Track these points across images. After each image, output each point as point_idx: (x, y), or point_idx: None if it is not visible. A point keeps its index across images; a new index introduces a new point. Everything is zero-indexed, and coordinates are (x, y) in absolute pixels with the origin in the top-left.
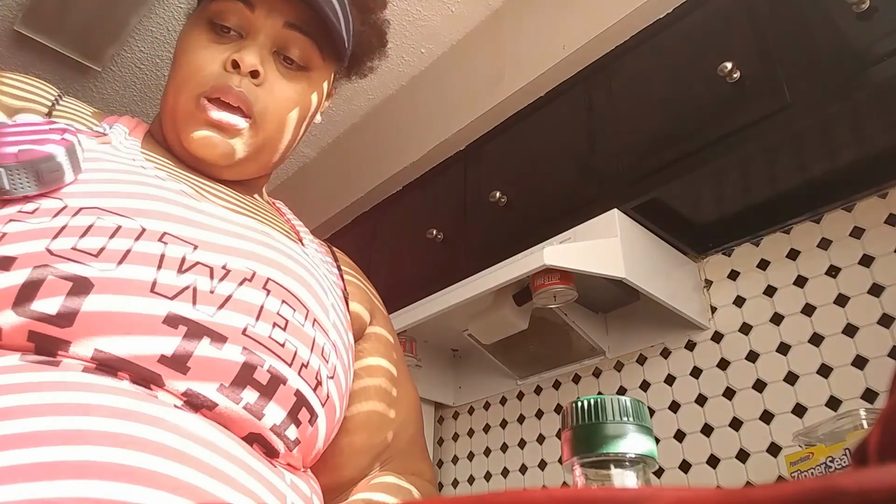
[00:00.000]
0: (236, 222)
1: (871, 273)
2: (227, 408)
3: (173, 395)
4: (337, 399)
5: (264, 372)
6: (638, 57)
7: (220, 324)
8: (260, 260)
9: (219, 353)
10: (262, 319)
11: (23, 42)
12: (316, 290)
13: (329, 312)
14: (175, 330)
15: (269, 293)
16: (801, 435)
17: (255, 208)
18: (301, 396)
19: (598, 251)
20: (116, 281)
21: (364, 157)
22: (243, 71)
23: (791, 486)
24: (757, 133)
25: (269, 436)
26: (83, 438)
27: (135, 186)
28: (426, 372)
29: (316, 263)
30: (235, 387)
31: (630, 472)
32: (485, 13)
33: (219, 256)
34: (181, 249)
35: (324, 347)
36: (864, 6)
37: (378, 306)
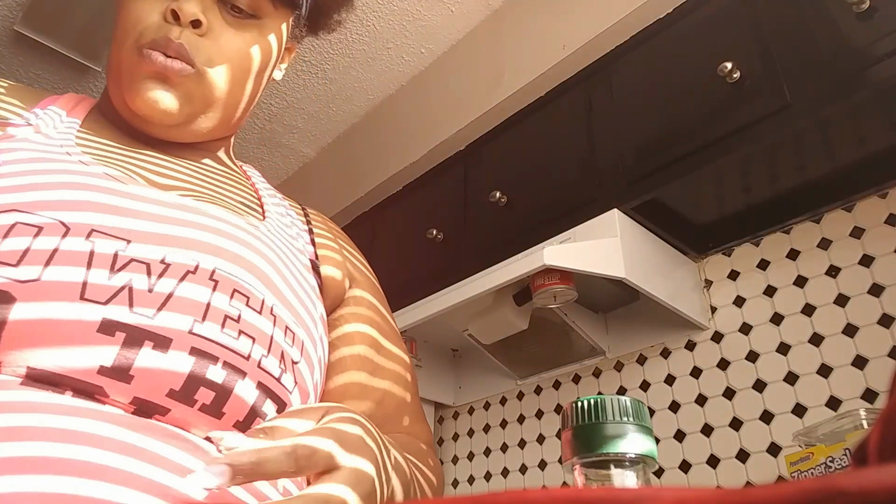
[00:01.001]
0: (175, 205)
1: (871, 273)
2: (181, 413)
3: (119, 406)
4: (309, 382)
5: (218, 371)
6: (638, 57)
7: (162, 326)
8: (204, 249)
9: (164, 357)
10: (210, 316)
11: (23, 42)
12: (271, 275)
13: (291, 297)
14: (112, 338)
15: (216, 285)
16: (801, 435)
17: (206, 182)
18: (264, 389)
19: (598, 251)
20: (41, 289)
21: (364, 157)
22: (183, 21)
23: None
24: (757, 133)
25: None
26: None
27: (56, 176)
28: (426, 372)
29: (279, 241)
30: (188, 391)
31: (630, 472)
32: (485, 13)
33: (156, 249)
34: (112, 245)
35: (285, 338)
36: (864, 6)
37: (359, 267)
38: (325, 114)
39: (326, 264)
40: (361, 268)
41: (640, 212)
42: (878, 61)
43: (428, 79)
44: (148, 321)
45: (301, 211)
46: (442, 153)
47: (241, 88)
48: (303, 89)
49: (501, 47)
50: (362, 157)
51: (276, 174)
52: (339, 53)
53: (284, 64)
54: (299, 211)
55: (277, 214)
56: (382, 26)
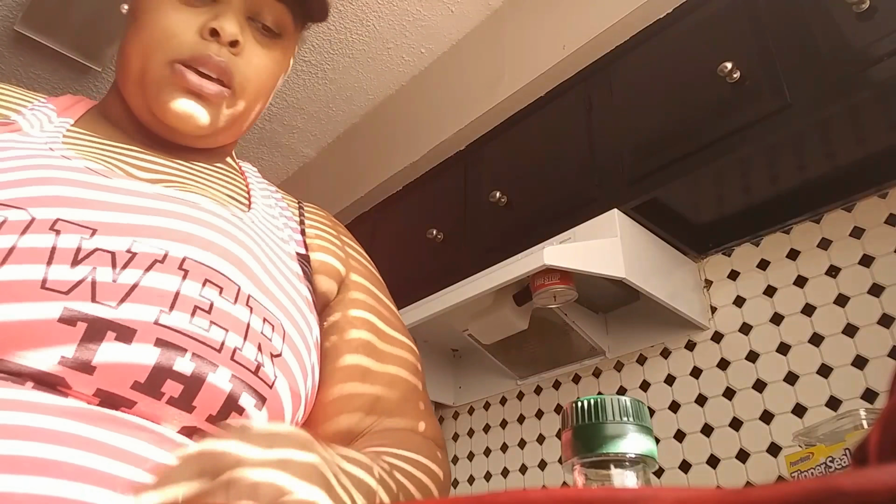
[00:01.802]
0: (152, 195)
1: (871, 273)
2: (148, 405)
3: (81, 398)
4: (297, 372)
5: (186, 363)
6: (638, 57)
7: (126, 315)
8: (174, 237)
9: (127, 349)
10: (178, 306)
11: (23, 42)
12: (249, 263)
13: (273, 287)
14: (73, 328)
15: (186, 274)
16: (801, 435)
17: (192, 176)
18: (238, 383)
19: (598, 251)
20: (1, 283)
21: (364, 157)
22: (223, 40)
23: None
24: (757, 133)
25: (207, 427)
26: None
27: (31, 171)
28: (426, 372)
29: (260, 231)
30: (153, 383)
31: (630, 472)
32: (485, 13)
33: (122, 240)
34: (76, 237)
35: (263, 327)
36: (864, 6)
37: (357, 258)
38: (325, 114)
39: (319, 251)
40: (360, 258)
41: (640, 212)
42: (878, 61)
43: (428, 79)
44: (111, 312)
45: (296, 204)
46: (442, 153)
47: (261, 104)
48: (303, 89)
49: (501, 47)
50: (362, 157)
51: (276, 174)
52: (339, 53)
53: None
54: (294, 204)
55: (265, 206)
56: (382, 26)
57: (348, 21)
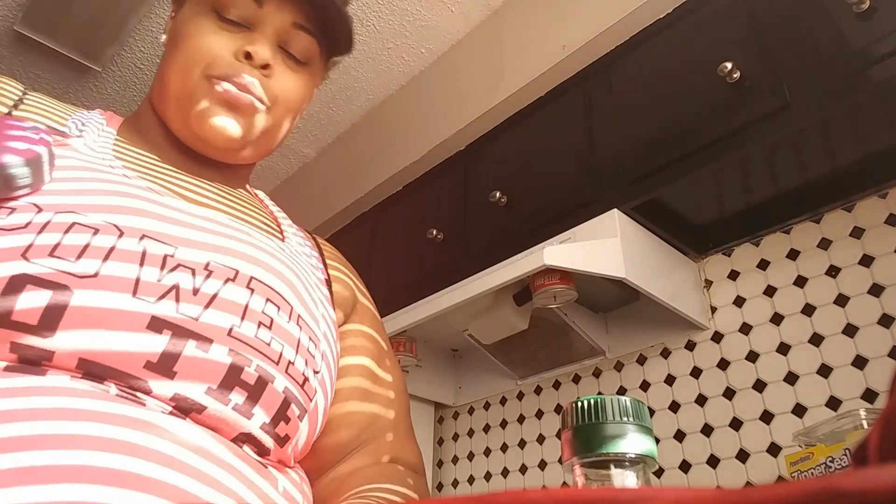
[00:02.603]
0: (214, 219)
1: (871, 273)
2: (216, 410)
3: (161, 400)
4: (322, 395)
5: (251, 372)
6: (638, 57)
7: (205, 325)
8: (242, 258)
9: (205, 355)
10: (247, 319)
11: (23, 42)
12: (297, 287)
13: (313, 308)
14: (160, 334)
15: (253, 292)
16: (801, 435)
17: (232, 203)
18: (289, 394)
19: (598, 251)
20: (97, 286)
21: (364, 157)
22: (256, 63)
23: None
24: (757, 133)
25: (259, 435)
26: (72, 443)
27: (104, 185)
28: (426, 372)
29: (298, 259)
30: (223, 389)
31: (630, 472)
32: (485, 13)
33: (201, 255)
34: (162, 249)
35: (309, 345)
36: (864, 6)
37: (361, 301)
38: (325, 114)
39: (336, 283)
40: (363, 299)
41: (640, 212)
42: (878, 61)
43: (428, 79)
44: (193, 320)
45: (313, 242)
46: (442, 153)
47: (289, 126)
48: None
49: (501, 47)
50: (362, 157)
51: (276, 174)
52: None
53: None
54: (312, 242)
55: (295, 238)
56: (382, 26)
57: None
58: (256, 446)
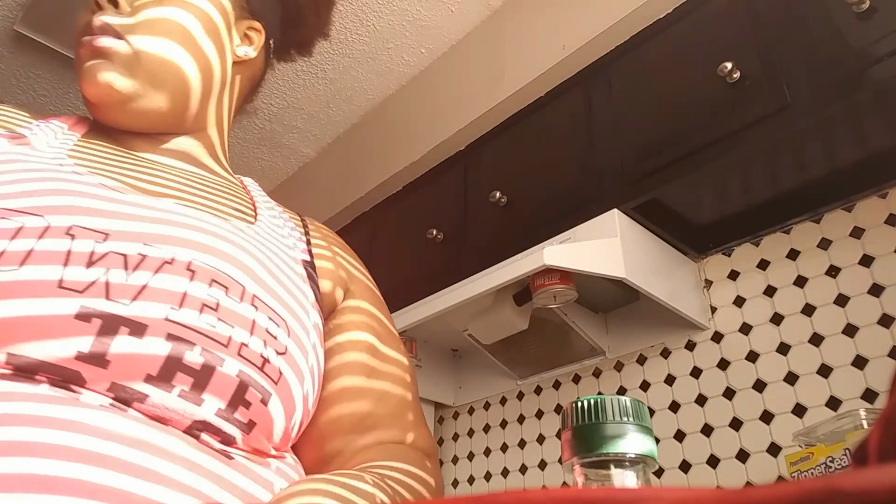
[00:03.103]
0: (158, 208)
1: (871, 273)
2: (160, 399)
3: (98, 393)
4: (294, 376)
5: (196, 356)
6: (638, 57)
7: (138, 312)
8: (180, 243)
9: (139, 343)
10: (186, 304)
11: (23, 42)
12: (253, 267)
13: (276, 287)
14: (88, 324)
15: (193, 275)
16: (801, 435)
17: (192, 187)
18: (245, 377)
19: (598, 251)
20: (20, 282)
21: (364, 157)
22: (103, 3)
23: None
24: (757, 133)
25: (217, 422)
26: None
27: (45, 183)
28: (426, 372)
29: (264, 239)
30: (164, 376)
31: (630, 472)
32: (485, 13)
33: (133, 244)
34: (89, 241)
35: (268, 326)
36: (864, 6)
37: (358, 277)
38: (325, 114)
39: (324, 278)
40: (358, 274)
41: (640, 212)
42: (878, 61)
43: (428, 79)
44: (124, 309)
45: (299, 221)
46: (442, 153)
47: (185, 61)
48: (303, 89)
49: (501, 47)
50: (362, 157)
51: (276, 174)
52: (339, 53)
53: (252, 45)
54: (297, 220)
55: (269, 217)
56: (382, 26)
57: (348, 21)
58: (219, 435)
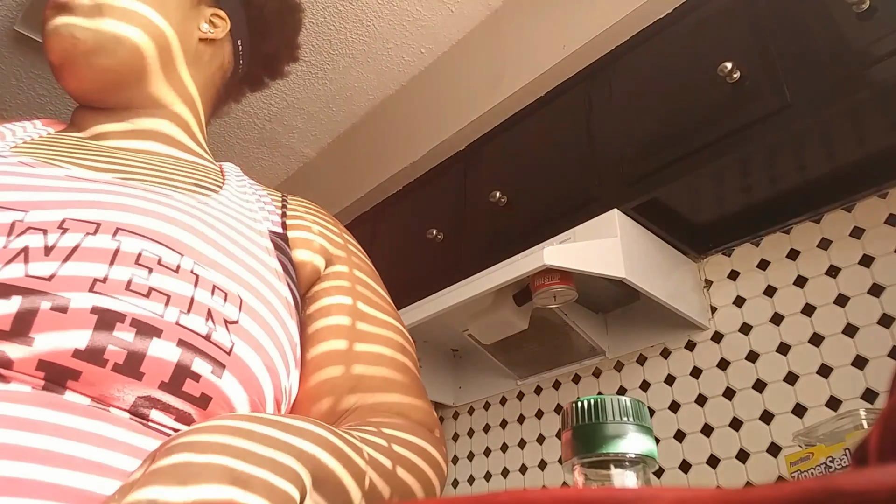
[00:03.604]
0: (88, 188)
1: (871, 273)
2: (93, 374)
3: (27, 374)
4: (250, 347)
5: (126, 329)
6: (638, 57)
7: (61, 283)
8: (106, 210)
9: (63, 317)
10: (113, 275)
11: (23, 42)
12: (190, 240)
13: (227, 261)
14: (8, 303)
15: (117, 250)
16: (801, 435)
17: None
18: (188, 347)
19: (598, 251)
20: None
21: (364, 157)
22: None
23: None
24: (757, 133)
25: (164, 398)
26: None
27: None
28: (426, 372)
29: (220, 212)
30: (94, 350)
31: (630, 472)
32: (485, 13)
33: (54, 214)
34: (9, 216)
35: (212, 297)
36: (864, 6)
37: (343, 244)
38: (325, 114)
39: (300, 248)
40: (343, 243)
41: (640, 212)
42: (878, 61)
43: (428, 79)
44: (45, 281)
45: (279, 196)
46: (442, 153)
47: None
48: (303, 89)
49: (501, 47)
50: (362, 157)
51: (276, 174)
52: (339, 53)
53: (217, 29)
54: (277, 196)
55: (237, 193)
56: (382, 26)
57: (348, 21)
58: (171, 412)
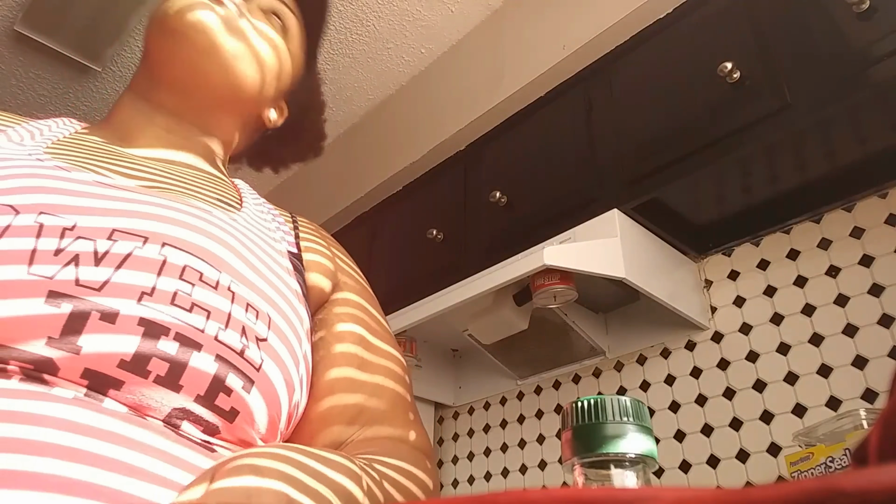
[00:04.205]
0: (134, 199)
1: (871, 273)
2: (136, 384)
3: (71, 382)
4: (275, 365)
5: (170, 342)
6: (638, 57)
7: (110, 294)
8: (151, 233)
9: (112, 327)
10: (158, 290)
11: (23, 42)
12: (227, 257)
13: (257, 280)
14: (59, 309)
15: (164, 263)
16: (801, 435)
17: (183, 181)
18: (224, 362)
19: (598, 251)
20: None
21: (364, 157)
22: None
23: (791, 486)
24: (757, 133)
25: (198, 410)
26: None
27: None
28: (426, 372)
29: (248, 230)
30: (139, 362)
31: (630, 472)
32: (485, 13)
33: (103, 230)
34: (57, 229)
35: (247, 313)
36: (864, 6)
37: (347, 271)
38: (325, 114)
39: (313, 271)
40: (351, 272)
41: (640, 212)
42: (878, 61)
43: (428, 79)
44: (95, 292)
45: (289, 217)
46: (442, 153)
47: (259, 73)
48: None
49: (501, 47)
50: (362, 157)
51: (276, 174)
52: (339, 53)
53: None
54: (287, 215)
55: (256, 211)
56: (382, 26)
57: (348, 21)
58: (200, 424)
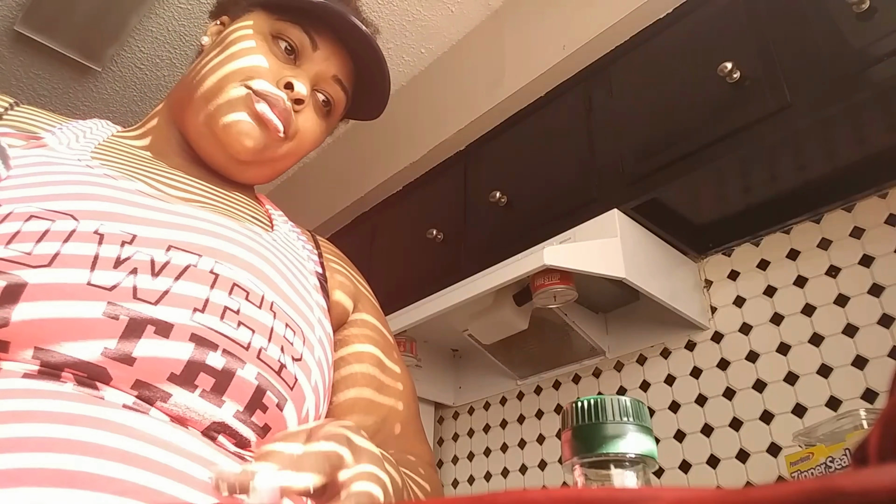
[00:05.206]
0: (185, 213)
1: (871, 273)
2: (182, 398)
3: (122, 391)
4: (307, 383)
5: (218, 358)
6: (638, 57)
7: (165, 310)
8: (204, 249)
9: (165, 342)
10: (209, 306)
11: (23, 42)
12: (272, 274)
13: (292, 295)
14: (116, 322)
15: (215, 279)
16: (801, 435)
17: (215, 196)
18: (263, 381)
19: (598, 251)
20: (51, 279)
21: (364, 157)
22: (292, 96)
23: (791, 486)
24: (757, 133)
25: (235, 425)
26: (22, 446)
27: (75, 187)
28: (426, 372)
29: (284, 247)
30: (188, 376)
31: (630, 472)
32: (485, 13)
33: (159, 248)
34: (116, 243)
35: (286, 332)
36: (864, 6)
37: (364, 293)
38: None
39: (336, 289)
40: (368, 294)
41: (640, 212)
42: (878, 61)
43: (428, 79)
44: (151, 308)
45: (310, 236)
46: (442, 153)
47: (293, 162)
48: None
49: (501, 47)
50: (362, 157)
51: None
52: None
53: None
54: (308, 236)
55: (285, 230)
56: (382, 26)
57: None
58: (234, 437)
